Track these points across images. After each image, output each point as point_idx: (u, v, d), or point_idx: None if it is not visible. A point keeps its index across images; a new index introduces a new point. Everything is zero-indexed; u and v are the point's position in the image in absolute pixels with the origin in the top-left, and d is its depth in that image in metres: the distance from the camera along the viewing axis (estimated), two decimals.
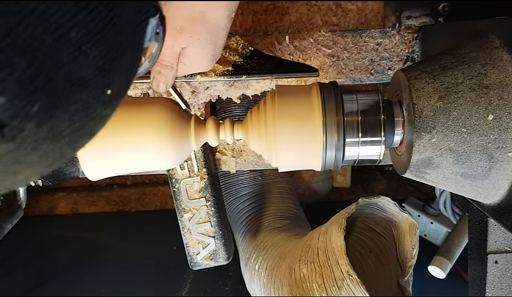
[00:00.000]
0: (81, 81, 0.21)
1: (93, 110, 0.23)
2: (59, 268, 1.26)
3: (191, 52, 0.53)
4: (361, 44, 0.69)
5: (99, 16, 0.20)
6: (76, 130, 0.23)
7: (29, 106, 0.19)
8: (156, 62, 0.54)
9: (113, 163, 0.47)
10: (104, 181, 1.48)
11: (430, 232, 1.23)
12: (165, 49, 0.52)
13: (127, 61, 0.24)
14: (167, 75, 0.54)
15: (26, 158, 0.21)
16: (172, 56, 0.53)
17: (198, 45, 0.52)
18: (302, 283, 0.72)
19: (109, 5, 0.21)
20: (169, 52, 0.52)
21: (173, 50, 0.52)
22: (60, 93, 0.20)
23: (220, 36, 0.52)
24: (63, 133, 0.22)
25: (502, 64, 0.47)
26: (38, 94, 0.19)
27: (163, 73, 0.54)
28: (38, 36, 0.18)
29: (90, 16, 0.20)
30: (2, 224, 0.80)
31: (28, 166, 0.22)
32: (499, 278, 0.59)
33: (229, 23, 0.52)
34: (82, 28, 0.20)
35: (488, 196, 0.50)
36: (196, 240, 0.75)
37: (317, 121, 0.46)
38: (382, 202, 0.71)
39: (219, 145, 0.77)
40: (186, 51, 0.53)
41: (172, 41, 0.51)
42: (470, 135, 0.46)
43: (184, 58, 0.54)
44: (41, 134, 0.20)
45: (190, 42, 0.51)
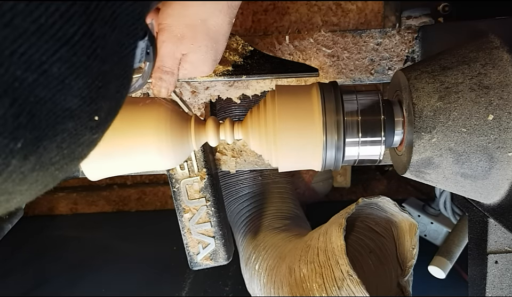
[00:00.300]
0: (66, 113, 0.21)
1: (81, 136, 0.23)
2: (59, 268, 1.26)
3: (192, 58, 0.53)
4: (361, 44, 0.69)
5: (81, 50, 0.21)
6: (64, 156, 0.23)
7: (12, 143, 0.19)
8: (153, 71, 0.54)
9: (113, 163, 0.47)
10: (104, 181, 1.48)
11: (430, 232, 1.23)
12: (165, 55, 0.52)
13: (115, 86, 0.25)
14: (168, 80, 0.54)
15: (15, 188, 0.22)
16: (172, 62, 0.53)
17: (199, 51, 0.52)
18: (302, 283, 0.72)
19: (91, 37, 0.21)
20: (170, 58, 0.52)
21: (173, 56, 0.52)
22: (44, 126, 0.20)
23: (221, 41, 0.53)
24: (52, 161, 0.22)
25: (502, 64, 0.47)
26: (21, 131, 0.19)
27: (164, 79, 0.54)
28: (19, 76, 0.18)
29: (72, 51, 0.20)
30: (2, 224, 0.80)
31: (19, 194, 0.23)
32: (499, 278, 0.59)
33: (229, 29, 0.52)
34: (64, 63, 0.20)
35: (488, 196, 0.50)
36: (195, 240, 0.75)
37: (317, 121, 0.46)
38: (382, 202, 0.71)
39: (219, 145, 0.77)
40: (188, 57, 0.53)
41: (173, 48, 0.51)
42: (470, 135, 0.46)
43: (185, 64, 0.54)
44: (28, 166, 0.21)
45: (191, 49, 0.51)
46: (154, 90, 0.55)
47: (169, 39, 0.50)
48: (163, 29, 0.50)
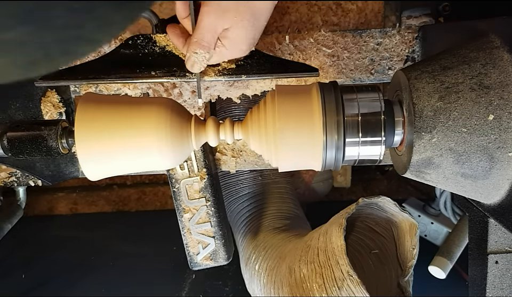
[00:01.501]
0: None
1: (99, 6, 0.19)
2: (59, 268, 1.26)
3: (233, 34, 0.51)
4: (362, 43, 0.69)
5: None
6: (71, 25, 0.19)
7: None
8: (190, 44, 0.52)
9: (113, 163, 0.47)
10: (104, 182, 1.48)
11: (430, 232, 1.23)
12: (206, 28, 0.51)
13: None
14: (203, 56, 0.53)
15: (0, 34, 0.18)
16: (212, 37, 0.52)
17: (241, 27, 0.51)
18: (302, 284, 0.72)
19: None
20: (209, 32, 0.51)
21: (214, 30, 0.51)
22: None
23: (262, 19, 0.52)
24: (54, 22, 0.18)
25: (503, 64, 0.47)
26: None
27: (199, 54, 0.53)
28: None
29: None
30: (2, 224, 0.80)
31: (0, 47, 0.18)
32: (499, 278, 0.59)
33: (272, 9, 0.51)
34: None
35: (488, 196, 0.50)
36: (195, 240, 0.75)
37: (317, 121, 0.46)
38: (382, 202, 0.71)
39: (219, 145, 0.77)
40: (228, 33, 0.51)
41: (215, 21, 0.50)
42: (470, 135, 0.46)
43: (225, 40, 0.52)
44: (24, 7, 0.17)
45: (233, 23, 0.50)
46: (188, 64, 0.54)
47: (213, 10, 0.49)
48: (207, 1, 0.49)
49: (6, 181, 0.75)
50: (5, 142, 0.54)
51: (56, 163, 0.73)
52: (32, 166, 0.72)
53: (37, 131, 0.53)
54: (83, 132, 0.46)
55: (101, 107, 0.47)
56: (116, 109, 0.47)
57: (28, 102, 0.69)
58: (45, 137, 0.53)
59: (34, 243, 1.36)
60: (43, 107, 0.69)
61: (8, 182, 0.75)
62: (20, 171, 0.74)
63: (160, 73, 0.61)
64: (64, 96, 0.70)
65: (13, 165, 0.72)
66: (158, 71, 0.61)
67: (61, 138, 0.54)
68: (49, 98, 0.69)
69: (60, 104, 0.70)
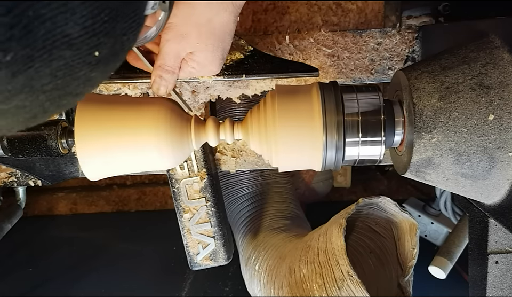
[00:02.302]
0: (65, 39, 0.20)
1: (78, 70, 0.22)
2: (59, 269, 1.26)
3: (200, 57, 0.53)
4: (362, 43, 0.69)
5: None
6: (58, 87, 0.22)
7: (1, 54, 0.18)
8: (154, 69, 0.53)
9: (113, 163, 0.47)
10: (104, 182, 1.47)
11: (431, 232, 1.23)
12: (168, 54, 0.52)
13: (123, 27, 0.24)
14: (168, 79, 0.54)
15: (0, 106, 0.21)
16: (174, 61, 0.53)
17: (206, 50, 0.52)
18: (302, 284, 0.72)
19: None
20: (172, 57, 0.52)
21: (176, 55, 0.52)
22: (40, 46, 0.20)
23: (227, 40, 0.53)
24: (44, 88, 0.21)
25: (503, 64, 0.47)
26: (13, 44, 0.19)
27: (164, 78, 0.54)
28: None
29: None
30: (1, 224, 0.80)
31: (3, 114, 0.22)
32: (500, 278, 0.59)
33: (234, 27, 0.52)
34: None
35: (488, 196, 0.50)
36: (195, 240, 0.75)
37: (317, 121, 0.46)
38: (382, 202, 0.71)
39: (219, 145, 0.77)
40: (195, 56, 0.53)
41: (177, 47, 0.51)
42: (470, 135, 0.46)
43: (192, 63, 0.54)
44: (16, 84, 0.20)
45: (197, 48, 0.51)
46: (154, 87, 0.55)
47: (173, 38, 0.50)
48: (168, 28, 0.50)
49: (6, 181, 0.75)
50: (4, 142, 0.54)
51: (56, 163, 0.73)
52: (32, 166, 0.72)
53: (36, 131, 0.53)
54: (83, 132, 0.46)
55: (101, 107, 0.47)
56: (115, 109, 0.47)
57: None
58: (45, 137, 0.53)
59: (34, 243, 1.36)
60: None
61: (8, 183, 0.75)
62: (19, 171, 0.74)
63: None
64: None
65: (13, 165, 0.72)
66: None
67: (60, 138, 0.54)
68: None
69: None
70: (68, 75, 0.22)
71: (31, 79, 0.20)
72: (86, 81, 0.24)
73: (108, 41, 0.23)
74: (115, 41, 0.24)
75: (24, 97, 0.21)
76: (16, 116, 0.22)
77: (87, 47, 0.22)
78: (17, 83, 0.20)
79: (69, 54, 0.21)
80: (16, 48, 0.19)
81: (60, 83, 0.22)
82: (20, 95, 0.21)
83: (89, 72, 0.23)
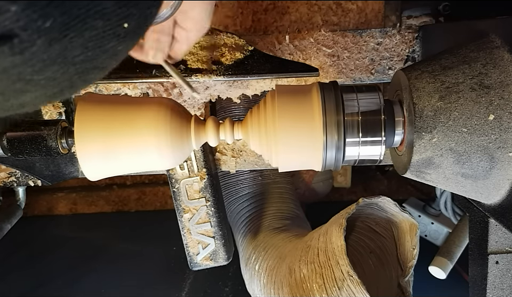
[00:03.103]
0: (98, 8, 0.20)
1: (107, 41, 0.22)
2: (59, 269, 1.26)
3: (194, 13, 0.52)
4: (362, 43, 0.69)
5: None
6: (87, 59, 0.22)
7: (41, 20, 0.18)
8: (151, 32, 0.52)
9: (113, 163, 0.47)
10: (104, 182, 1.47)
11: (431, 232, 1.23)
12: None
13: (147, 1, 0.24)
14: (164, 41, 0.53)
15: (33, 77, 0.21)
16: (170, 23, 0.52)
17: (200, 5, 0.51)
18: (302, 284, 0.72)
19: None
20: None
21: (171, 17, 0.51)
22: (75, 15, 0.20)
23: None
24: (74, 60, 0.22)
25: (503, 64, 0.47)
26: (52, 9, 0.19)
27: (161, 40, 0.53)
28: None
29: None
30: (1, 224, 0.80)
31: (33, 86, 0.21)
32: (500, 279, 0.59)
33: None
34: None
35: (489, 196, 0.50)
36: (195, 240, 0.75)
37: (317, 121, 0.46)
38: (382, 202, 0.71)
39: (219, 145, 0.77)
40: (188, 14, 0.52)
41: None
42: (470, 135, 0.46)
43: (185, 22, 0.53)
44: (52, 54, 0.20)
45: (191, 4, 0.51)
46: (150, 53, 0.54)
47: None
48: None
49: (6, 181, 0.75)
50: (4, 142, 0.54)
51: (56, 163, 0.73)
52: (31, 166, 0.72)
53: (36, 131, 0.53)
54: (83, 132, 0.46)
55: (101, 107, 0.47)
56: (115, 109, 0.47)
57: None
58: (45, 137, 0.53)
59: (34, 243, 1.36)
60: (42, 107, 0.69)
61: (8, 183, 0.75)
62: (19, 171, 0.74)
63: (160, 73, 0.61)
64: None
65: (13, 165, 0.72)
66: (158, 71, 0.61)
67: (60, 138, 0.54)
68: None
69: (60, 104, 0.70)
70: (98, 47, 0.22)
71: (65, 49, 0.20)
72: (113, 55, 0.24)
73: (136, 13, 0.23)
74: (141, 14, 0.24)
75: (56, 69, 0.21)
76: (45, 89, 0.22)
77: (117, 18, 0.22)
78: (53, 53, 0.20)
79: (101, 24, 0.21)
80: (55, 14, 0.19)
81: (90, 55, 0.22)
82: (53, 66, 0.21)
83: (117, 45, 0.23)
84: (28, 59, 0.19)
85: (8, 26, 0.18)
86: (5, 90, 0.21)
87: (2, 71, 0.20)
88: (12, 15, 0.17)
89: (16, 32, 0.18)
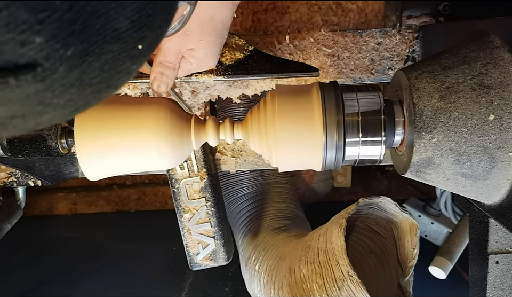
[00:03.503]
0: (115, 33, 0.21)
1: (122, 63, 0.23)
2: (58, 269, 1.26)
3: (200, 53, 0.54)
4: (362, 43, 0.69)
5: None
6: (103, 80, 0.23)
7: (63, 49, 0.19)
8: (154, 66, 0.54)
9: (113, 163, 0.47)
10: (104, 182, 1.47)
11: (431, 232, 1.23)
12: (169, 50, 0.53)
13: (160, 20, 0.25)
14: (169, 75, 0.55)
15: (52, 100, 0.22)
16: (175, 58, 0.54)
17: (207, 46, 0.53)
18: (302, 284, 0.72)
19: None
20: (173, 53, 0.53)
21: (178, 51, 0.53)
22: (94, 41, 0.21)
23: (225, 35, 0.54)
24: (91, 82, 0.23)
25: (503, 64, 0.47)
26: (74, 39, 0.20)
27: (165, 74, 0.55)
28: None
29: None
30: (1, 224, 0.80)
31: (53, 108, 0.23)
32: (500, 279, 0.59)
33: (230, 23, 0.54)
34: None
35: (489, 196, 0.50)
36: (195, 240, 0.75)
37: (317, 121, 0.46)
38: (382, 202, 0.71)
39: (219, 145, 0.77)
40: (194, 53, 0.54)
41: (178, 43, 0.52)
42: (470, 135, 0.46)
43: (191, 59, 0.55)
44: (71, 79, 0.21)
45: (198, 45, 0.52)
46: (154, 85, 0.55)
47: (176, 35, 0.51)
48: None
49: (6, 181, 0.75)
50: (4, 142, 0.54)
51: (56, 163, 0.73)
52: (31, 166, 0.72)
53: (36, 131, 0.53)
54: (82, 132, 0.46)
55: (101, 107, 0.47)
56: (115, 109, 0.47)
57: None
58: (45, 137, 0.53)
59: (34, 243, 1.36)
60: None
61: (8, 183, 0.75)
62: (19, 171, 0.74)
63: None
64: None
65: (13, 165, 0.72)
66: None
67: (60, 138, 0.54)
68: None
69: None
70: (113, 68, 0.23)
71: (83, 73, 0.21)
72: (127, 74, 0.25)
73: (149, 34, 0.24)
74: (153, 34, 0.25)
75: (74, 91, 0.22)
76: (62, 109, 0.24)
77: (132, 40, 0.23)
78: (72, 77, 0.21)
79: (117, 47, 0.22)
80: (76, 43, 0.20)
81: (105, 76, 0.23)
82: (71, 89, 0.22)
83: (131, 65, 0.24)
84: (49, 85, 0.20)
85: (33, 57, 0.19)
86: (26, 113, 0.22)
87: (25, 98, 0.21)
88: (36, 46, 0.18)
89: (39, 62, 0.19)
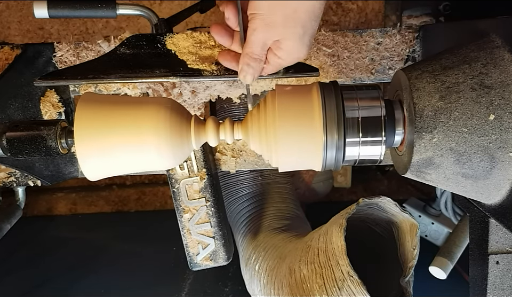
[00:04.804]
0: None
1: None
2: (58, 269, 1.26)
3: (287, 45, 0.52)
4: (362, 43, 0.69)
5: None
6: None
7: None
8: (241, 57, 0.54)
9: (113, 163, 0.47)
10: (103, 182, 1.47)
11: (431, 232, 1.23)
12: (255, 42, 0.52)
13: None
14: (255, 67, 0.55)
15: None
16: (262, 49, 0.53)
17: (293, 38, 0.52)
18: (302, 284, 0.72)
19: None
20: (259, 45, 0.53)
21: (263, 43, 0.52)
22: None
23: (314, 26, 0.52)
24: None
25: (504, 64, 0.47)
26: None
27: (251, 66, 0.54)
28: None
29: None
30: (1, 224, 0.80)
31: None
32: (500, 279, 0.59)
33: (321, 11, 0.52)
34: None
35: (489, 196, 0.50)
36: (195, 240, 0.75)
37: (317, 121, 0.46)
38: (382, 202, 0.71)
39: (219, 145, 0.77)
40: (281, 44, 0.53)
41: (264, 35, 0.51)
42: (471, 135, 0.45)
43: (279, 51, 0.53)
44: None
45: (284, 36, 0.51)
46: (241, 75, 0.56)
47: (260, 27, 0.51)
48: (254, 18, 0.50)
49: (5, 182, 0.75)
50: (4, 142, 0.54)
51: (56, 163, 0.73)
52: (31, 167, 0.72)
53: (36, 131, 0.53)
54: (82, 132, 0.45)
55: (101, 106, 0.47)
56: (115, 109, 0.47)
57: (27, 102, 0.69)
58: (44, 137, 0.53)
59: (34, 243, 1.36)
60: (42, 106, 0.69)
61: (7, 183, 0.75)
62: (19, 171, 0.74)
63: (160, 73, 0.61)
64: (63, 96, 0.70)
65: (12, 165, 0.72)
66: (158, 71, 0.61)
67: (60, 138, 0.54)
68: (49, 98, 0.69)
69: (59, 104, 0.69)
70: None
71: None
72: None
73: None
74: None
75: None
76: None
77: None
78: None
79: None
80: None
81: None
82: None
83: None
84: None
85: None
86: None
87: None
88: None
89: None
